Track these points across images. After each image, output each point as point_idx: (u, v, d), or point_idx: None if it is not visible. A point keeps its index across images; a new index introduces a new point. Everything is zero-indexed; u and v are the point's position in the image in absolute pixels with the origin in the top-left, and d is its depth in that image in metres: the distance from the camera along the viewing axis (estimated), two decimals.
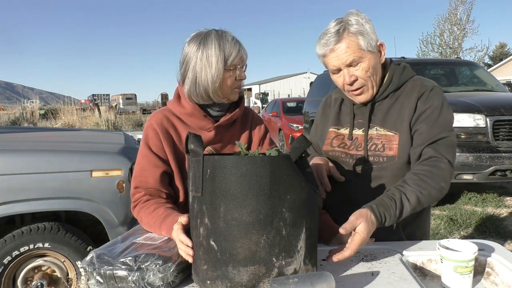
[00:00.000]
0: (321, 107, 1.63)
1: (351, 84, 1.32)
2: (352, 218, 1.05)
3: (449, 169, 1.25)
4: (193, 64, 1.25)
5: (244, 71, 1.32)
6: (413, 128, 1.33)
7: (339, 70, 1.33)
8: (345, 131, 1.47)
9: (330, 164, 1.41)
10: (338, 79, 1.35)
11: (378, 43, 1.33)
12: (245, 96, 1.50)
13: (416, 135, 1.32)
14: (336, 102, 1.55)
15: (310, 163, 1.36)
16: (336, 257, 1.02)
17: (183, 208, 1.30)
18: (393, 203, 1.13)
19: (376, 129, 1.39)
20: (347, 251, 1.02)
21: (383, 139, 1.36)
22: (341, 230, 1.01)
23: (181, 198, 1.32)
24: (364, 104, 1.40)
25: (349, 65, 1.30)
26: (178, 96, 1.36)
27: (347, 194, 1.40)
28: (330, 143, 1.49)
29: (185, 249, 0.99)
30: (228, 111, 1.39)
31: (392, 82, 1.38)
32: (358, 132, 1.42)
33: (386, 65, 1.41)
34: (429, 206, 1.51)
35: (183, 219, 1.06)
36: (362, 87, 1.33)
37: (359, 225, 1.04)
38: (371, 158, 1.37)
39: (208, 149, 1.34)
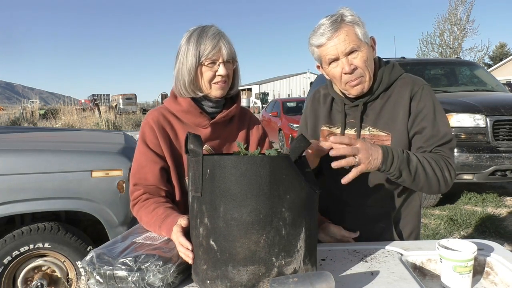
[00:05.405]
0: (309, 102, 1.58)
1: (351, 72, 1.29)
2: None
3: (454, 169, 1.29)
4: (178, 58, 1.30)
5: (234, 67, 1.31)
6: (412, 129, 1.33)
7: (336, 59, 1.30)
8: (337, 130, 1.45)
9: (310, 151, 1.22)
10: (335, 70, 1.31)
11: (370, 38, 1.34)
12: (245, 96, 1.50)
13: (418, 136, 1.32)
14: (326, 98, 1.51)
15: None
16: (346, 178, 1.13)
17: (180, 206, 1.30)
18: (400, 151, 1.20)
19: (369, 129, 1.38)
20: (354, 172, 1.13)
21: (376, 139, 1.35)
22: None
23: (177, 197, 1.32)
24: (356, 99, 1.38)
25: (348, 53, 1.28)
26: (174, 94, 1.36)
27: (341, 194, 1.39)
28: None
29: (184, 251, 0.99)
30: (225, 108, 1.39)
31: (382, 82, 1.37)
32: (350, 132, 1.41)
33: (375, 63, 1.40)
34: (420, 208, 1.50)
35: (182, 221, 1.06)
36: (360, 77, 1.31)
37: (358, 145, 1.12)
38: None
39: (206, 147, 1.34)
